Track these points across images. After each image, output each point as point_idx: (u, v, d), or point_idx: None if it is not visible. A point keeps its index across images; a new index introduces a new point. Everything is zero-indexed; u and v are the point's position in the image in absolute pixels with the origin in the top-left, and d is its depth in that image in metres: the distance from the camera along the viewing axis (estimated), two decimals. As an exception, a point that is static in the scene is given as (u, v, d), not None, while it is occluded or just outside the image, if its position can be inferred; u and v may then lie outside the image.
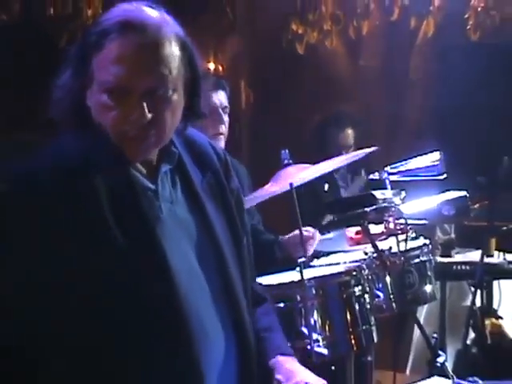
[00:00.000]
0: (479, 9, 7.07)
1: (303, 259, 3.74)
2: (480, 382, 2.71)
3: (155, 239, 2.18)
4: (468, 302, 5.88)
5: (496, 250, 5.37)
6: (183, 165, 2.34)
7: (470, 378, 2.73)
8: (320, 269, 4.02)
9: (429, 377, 2.84)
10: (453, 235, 5.96)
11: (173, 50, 2.20)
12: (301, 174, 3.97)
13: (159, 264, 2.16)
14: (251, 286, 2.47)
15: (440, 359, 3.26)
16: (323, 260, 4.28)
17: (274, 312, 2.64)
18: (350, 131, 5.75)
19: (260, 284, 2.77)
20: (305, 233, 4.08)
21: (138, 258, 2.14)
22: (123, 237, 2.13)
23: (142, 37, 2.16)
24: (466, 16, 7.05)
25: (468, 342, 5.16)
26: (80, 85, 2.21)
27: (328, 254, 4.40)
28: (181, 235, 2.26)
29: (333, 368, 3.88)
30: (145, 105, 2.15)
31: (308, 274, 3.73)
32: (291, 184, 3.69)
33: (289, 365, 2.38)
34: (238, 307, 2.31)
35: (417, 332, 6.00)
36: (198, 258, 2.28)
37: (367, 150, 4.16)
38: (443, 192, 4.55)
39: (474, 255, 5.45)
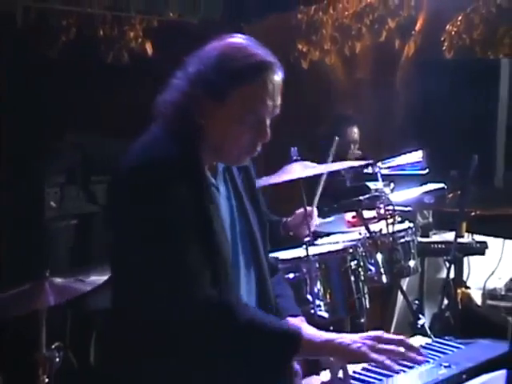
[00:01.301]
0: (453, 32, 7.07)
1: (308, 238, 3.80)
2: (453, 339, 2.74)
3: (219, 220, 2.32)
4: (443, 275, 5.90)
5: (466, 231, 5.42)
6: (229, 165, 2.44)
7: (446, 337, 2.75)
8: (322, 246, 4.06)
9: (411, 336, 2.86)
10: (430, 219, 6.00)
11: None
12: (305, 171, 4.00)
13: (219, 235, 2.29)
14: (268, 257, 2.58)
15: (420, 321, 3.29)
16: (325, 239, 4.31)
17: (284, 280, 2.79)
18: (355, 129, 5.77)
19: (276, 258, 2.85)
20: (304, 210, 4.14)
21: (208, 225, 2.26)
22: (199, 217, 2.24)
23: (279, 76, 2.31)
24: (442, 38, 7.05)
25: (442, 307, 5.16)
26: (201, 97, 2.26)
27: (329, 234, 4.43)
28: (229, 218, 2.41)
29: (331, 329, 3.91)
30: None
31: (312, 250, 3.77)
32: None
33: (304, 325, 2.41)
34: (262, 271, 2.48)
35: (400, 299, 6.02)
36: (239, 235, 2.43)
37: (363, 163, 4.22)
38: (424, 184, 4.59)
39: (448, 236, 5.50)
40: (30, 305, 3.52)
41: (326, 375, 2.34)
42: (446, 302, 5.46)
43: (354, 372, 2.35)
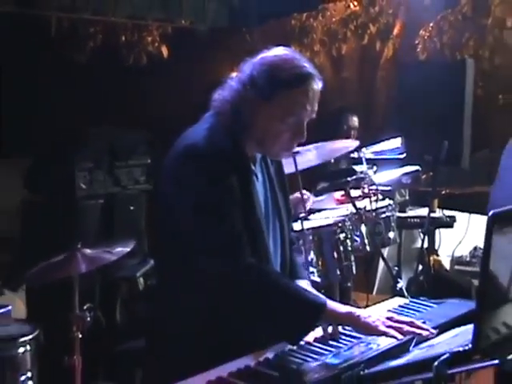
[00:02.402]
0: (425, 37, 7.08)
1: (303, 214, 3.80)
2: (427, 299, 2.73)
3: (256, 201, 2.40)
4: (417, 245, 5.92)
5: (437, 207, 5.42)
6: (264, 156, 2.49)
7: (421, 298, 2.74)
8: (315, 221, 4.06)
9: (392, 297, 2.84)
10: (407, 197, 6.00)
11: None
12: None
13: (255, 213, 2.38)
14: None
15: (399, 285, 3.28)
16: (317, 215, 4.31)
17: (294, 250, 2.82)
18: (355, 118, 5.76)
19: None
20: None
21: (249, 207, 2.35)
22: (245, 195, 2.34)
23: (319, 86, 2.35)
24: (417, 42, 7.05)
25: (418, 272, 5.18)
26: (252, 95, 2.30)
27: (320, 210, 4.44)
28: (264, 199, 2.47)
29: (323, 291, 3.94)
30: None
31: (306, 225, 3.77)
32: (295, 159, 3.70)
33: (303, 285, 2.55)
34: (285, 243, 2.56)
35: (381, 266, 6.04)
36: (270, 214, 2.48)
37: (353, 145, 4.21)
38: (402, 167, 4.58)
39: (422, 211, 5.50)
40: (65, 272, 3.53)
41: (318, 331, 2.33)
42: (420, 267, 5.50)
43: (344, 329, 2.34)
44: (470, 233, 5.83)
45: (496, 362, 1.78)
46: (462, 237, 5.82)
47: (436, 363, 1.78)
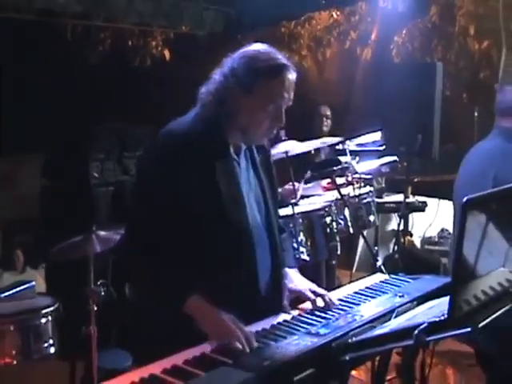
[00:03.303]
0: (399, 42, 7.08)
1: (294, 201, 3.80)
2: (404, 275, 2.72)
3: (239, 189, 2.29)
4: (391, 227, 5.94)
5: (411, 194, 5.43)
6: (251, 146, 2.41)
7: (399, 274, 2.73)
8: (304, 206, 4.06)
9: (372, 273, 2.83)
10: (383, 184, 6.01)
11: None
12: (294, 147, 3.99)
13: (239, 202, 2.28)
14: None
15: (378, 262, 3.28)
16: (306, 201, 4.32)
17: (286, 239, 2.72)
18: (327, 109, 5.89)
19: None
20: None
21: (228, 194, 2.24)
22: (222, 183, 2.23)
23: (293, 75, 2.28)
24: (391, 47, 7.05)
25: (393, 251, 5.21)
26: (233, 88, 2.24)
27: (309, 196, 4.44)
28: (248, 187, 2.35)
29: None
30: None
31: (297, 209, 3.77)
32: (287, 152, 3.69)
33: (293, 274, 2.47)
34: (273, 231, 2.41)
35: (360, 245, 6.05)
36: (256, 202, 2.37)
37: (336, 140, 4.20)
38: (382, 157, 4.59)
39: (397, 197, 5.50)
40: (83, 251, 3.53)
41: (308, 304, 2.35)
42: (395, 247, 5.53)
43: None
44: (439, 216, 5.84)
45: (468, 329, 1.79)
46: (432, 220, 5.83)
47: (416, 332, 1.79)
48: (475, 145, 3.48)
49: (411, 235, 5.80)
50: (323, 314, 2.22)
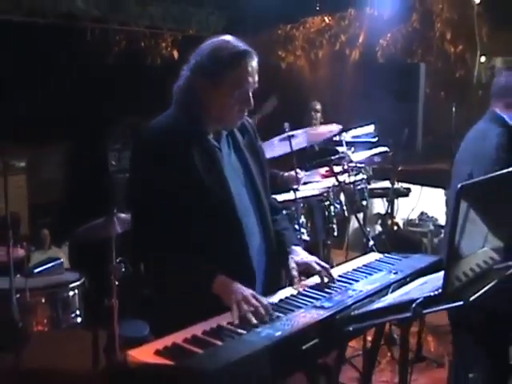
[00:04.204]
0: (384, 44, 7.05)
1: (296, 186, 3.78)
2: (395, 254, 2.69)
3: (221, 172, 2.18)
4: (377, 210, 5.92)
5: (396, 181, 5.41)
6: (233, 131, 2.30)
7: (392, 253, 2.66)
8: (305, 192, 4.03)
9: (365, 253, 2.77)
10: (370, 172, 5.98)
11: None
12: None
13: (223, 183, 2.17)
14: (270, 199, 2.43)
15: (370, 243, 3.24)
16: (306, 186, 4.28)
17: (286, 218, 2.63)
18: (316, 102, 5.81)
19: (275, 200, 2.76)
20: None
21: (211, 180, 2.14)
22: (204, 170, 2.14)
23: (255, 61, 2.17)
24: (377, 48, 7.03)
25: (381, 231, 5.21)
26: (201, 81, 2.16)
27: (308, 183, 4.41)
28: (233, 171, 2.24)
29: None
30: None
31: (298, 194, 3.75)
32: (291, 144, 3.67)
33: (299, 250, 2.38)
34: (263, 209, 2.31)
35: (351, 225, 6.01)
36: (242, 183, 2.27)
37: (334, 131, 4.16)
38: (374, 148, 4.57)
39: (384, 184, 5.48)
40: (106, 232, 3.50)
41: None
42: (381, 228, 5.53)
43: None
44: (421, 201, 5.85)
45: (461, 303, 1.78)
46: (414, 204, 5.83)
47: (414, 305, 1.78)
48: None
49: (395, 218, 5.79)
50: (326, 289, 2.20)
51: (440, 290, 1.81)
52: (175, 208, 2.10)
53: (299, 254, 2.35)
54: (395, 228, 5.20)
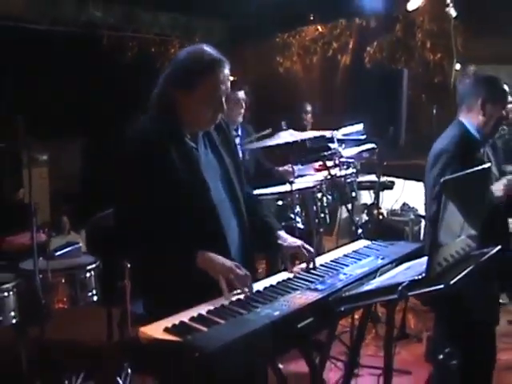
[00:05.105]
0: (371, 52, 7.04)
1: (292, 179, 3.74)
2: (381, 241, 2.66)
3: (199, 171, 2.12)
4: (366, 201, 5.88)
5: (382, 175, 5.36)
6: (208, 131, 2.23)
7: (378, 240, 2.62)
8: (300, 184, 3.99)
9: (355, 240, 2.72)
10: (358, 167, 5.95)
11: None
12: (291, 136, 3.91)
13: (201, 182, 2.10)
14: (246, 191, 2.37)
15: (359, 230, 3.22)
16: (301, 179, 4.24)
17: (264, 207, 2.51)
18: (308, 105, 5.85)
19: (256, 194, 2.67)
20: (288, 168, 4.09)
21: (191, 181, 2.08)
22: (183, 170, 2.07)
23: (227, 68, 2.10)
24: (365, 55, 7.01)
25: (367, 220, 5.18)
26: (176, 89, 2.08)
27: (303, 176, 4.38)
28: (210, 169, 2.18)
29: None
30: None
31: (294, 187, 3.71)
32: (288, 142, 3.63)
33: (284, 234, 2.33)
34: (239, 204, 2.25)
35: (339, 214, 5.97)
36: (219, 180, 2.20)
37: (326, 134, 4.12)
38: (363, 144, 4.53)
39: (372, 177, 5.42)
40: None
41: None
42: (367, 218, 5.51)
43: (321, 265, 2.26)
44: (404, 193, 5.81)
45: (442, 286, 1.76)
46: (398, 196, 5.80)
47: (400, 288, 1.76)
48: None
49: (380, 208, 5.75)
50: (319, 273, 2.17)
51: (423, 275, 1.79)
52: (159, 205, 2.03)
53: (286, 239, 2.30)
54: (380, 217, 5.15)
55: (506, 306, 5.00)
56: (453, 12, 5.10)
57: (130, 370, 3.30)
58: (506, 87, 2.90)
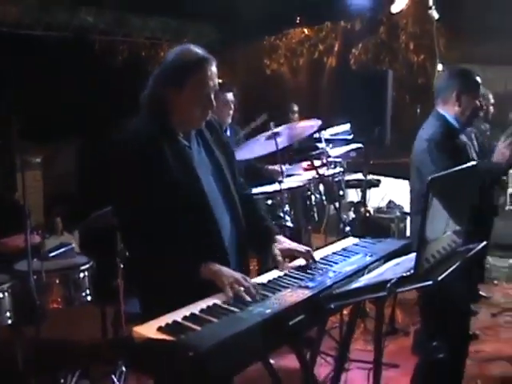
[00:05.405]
0: (356, 53, 7.07)
1: (281, 179, 3.72)
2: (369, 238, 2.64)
3: (193, 169, 2.09)
4: (352, 199, 5.87)
5: (368, 173, 5.34)
6: (201, 130, 2.21)
7: (367, 237, 2.60)
8: (289, 183, 3.97)
9: (342, 238, 2.66)
10: (345, 166, 5.94)
11: None
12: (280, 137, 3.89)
13: (195, 180, 2.08)
14: (244, 192, 2.36)
15: (347, 228, 3.20)
16: (290, 179, 4.22)
17: (258, 205, 2.52)
18: (295, 105, 5.91)
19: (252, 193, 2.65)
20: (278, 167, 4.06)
21: (185, 179, 2.05)
22: (177, 169, 2.04)
23: (214, 65, 2.08)
24: (350, 57, 7.03)
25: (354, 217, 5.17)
26: (165, 87, 2.07)
27: (292, 175, 4.36)
28: (203, 166, 2.15)
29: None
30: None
31: (283, 186, 3.69)
32: (276, 142, 3.60)
33: (282, 238, 2.31)
34: (233, 200, 2.22)
35: (327, 212, 5.95)
36: (212, 177, 2.18)
37: (314, 126, 4.07)
38: (350, 144, 4.52)
39: (358, 176, 5.41)
40: (110, 220, 3.38)
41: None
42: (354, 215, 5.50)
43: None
44: (389, 191, 5.81)
45: (430, 282, 1.75)
46: (384, 194, 5.79)
47: (388, 285, 1.75)
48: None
49: (367, 205, 5.74)
50: (309, 271, 2.15)
51: (412, 271, 1.78)
52: (155, 205, 2.00)
53: (283, 242, 2.28)
54: (367, 215, 5.14)
55: (489, 300, 5.04)
56: (435, 14, 5.11)
57: (124, 368, 3.26)
58: (478, 79, 2.97)
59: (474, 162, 2.20)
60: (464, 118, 2.96)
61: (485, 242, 2.17)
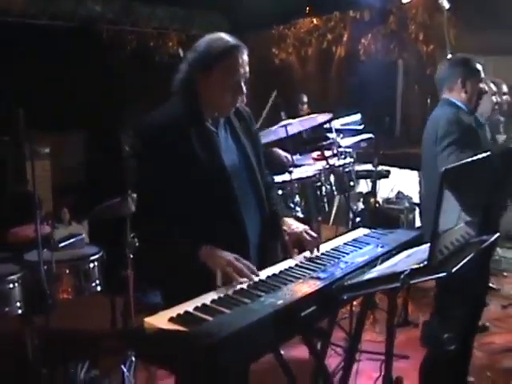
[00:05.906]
0: (365, 44, 7.01)
1: (291, 169, 3.70)
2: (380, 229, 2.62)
3: (219, 156, 2.12)
4: (361, 190, 5.84)
5: (378, 164, 5.32)
6: (229, 118, 2.24)
7: (378, 228, 2.57)
8: (299, 173, 3.95)
9: (353, 229, 2.64)
10: (354, 156, 5.91)
11: None
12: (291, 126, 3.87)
13: (221, 165, 2.11)
14: (265, 178, 2.36)
15: (357, 219, 3.18)
16: (300, 169, 4.20)
17: (278, 195, 2.57)
18: (305, 96, 5.75)
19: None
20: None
21: (211, 163, 2.08)
22: (203, 154, 2.07)
23: (245, 53, 2.11)
24: (359, 47, 6.98)
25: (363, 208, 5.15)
26: (197, 72, 2.10)
27: (302, 165, 4.34)
28: (229, 152, 2.18)
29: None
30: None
31: (293, 176, 3.68)
32: (286, 130, 3.58)
33: (290, 220, 2.32)
34: (258, 187, 2.24)
35: (336, 202, 5.92)
36: (239, 164, 2.19)
37: (325, 118, 4.04)
38: (360, 134, 4.49)
39: (368, 166, 5.37)
40: (120, 210, 3.42)
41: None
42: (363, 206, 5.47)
43: (322, 253, 2.23)
44: (399, 182, 5.78)
45: (444, 274, 1.73)
46: (393, 184, 5.76)
47: (402, 276, 1.73)
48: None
49: (376, 196, 5.71)
50: (320, 261, 2.14)
51: (425, 263, 1.76)
52: (179, 188, 2.04)
53: (290, 225, 2.27)
54: (376, 206, 5.11)
55: (499, 292, 5.01)
56: (446, 4, 5.05)
57: (134, 359, 3.27)
58: (478, 66, 3.04)
59: (488, 153, 2.17)
60: (471, 103, 3.03)
61: (498, 234, 2.14)
